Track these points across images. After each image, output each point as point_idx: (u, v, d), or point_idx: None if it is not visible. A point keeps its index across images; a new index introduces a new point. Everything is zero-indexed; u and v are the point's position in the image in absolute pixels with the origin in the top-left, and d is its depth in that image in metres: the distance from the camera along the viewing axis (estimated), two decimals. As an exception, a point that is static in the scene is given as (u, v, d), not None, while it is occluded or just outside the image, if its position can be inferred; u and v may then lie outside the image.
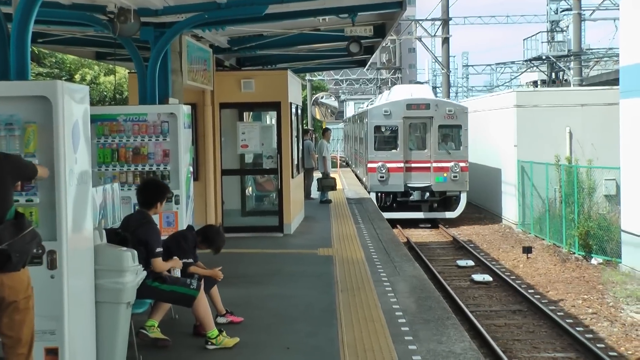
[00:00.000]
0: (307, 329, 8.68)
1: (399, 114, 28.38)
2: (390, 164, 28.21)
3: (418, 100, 28.93)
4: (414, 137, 29.00)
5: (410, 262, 13.25)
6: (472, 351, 7.78)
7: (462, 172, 28.04)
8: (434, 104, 28.71)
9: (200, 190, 15.16)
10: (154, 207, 8.12)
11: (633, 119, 18.96)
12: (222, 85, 16.14)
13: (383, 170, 28.08)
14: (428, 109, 28.37)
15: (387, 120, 28.56)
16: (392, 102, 29.38)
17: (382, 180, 28.16)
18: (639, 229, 18.19)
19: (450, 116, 28.21)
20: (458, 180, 28.00)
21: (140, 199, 8.23)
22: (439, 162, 28.05)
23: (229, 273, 9.25)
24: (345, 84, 70.16)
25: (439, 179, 28.05)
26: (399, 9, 13.00)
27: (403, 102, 28.87)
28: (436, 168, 28.06)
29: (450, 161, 27.97)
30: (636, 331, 14.21)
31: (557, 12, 45.86)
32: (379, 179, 28.15)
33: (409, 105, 28.55)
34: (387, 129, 28.75)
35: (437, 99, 32.90)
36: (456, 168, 27.88)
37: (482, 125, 31.93)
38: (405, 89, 32.71)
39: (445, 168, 27.95)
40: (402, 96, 29.83)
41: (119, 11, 10.38)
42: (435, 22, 43.29)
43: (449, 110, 28.35)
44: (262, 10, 11.46)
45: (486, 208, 32.25)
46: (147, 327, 7.98)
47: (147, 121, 10.98)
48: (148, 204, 8.11)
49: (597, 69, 46.82)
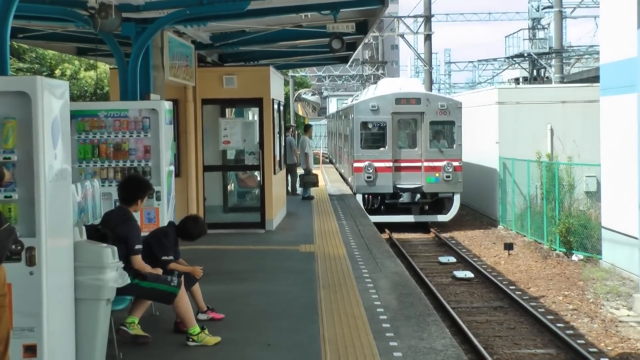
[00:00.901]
0: (289, 325, 8.67)
1: (387, 109, 26.28)
2: (378, 163, 26.18)
3: (408, 94, 26.75)
4: (404, 134, 27.14)
5: (392, 258, 13.27)
6: (453, 347, 7.80)
7: (456, 172, 26.08)
8: (425, 99, 26.59)
9: (181, 187, 15.11)
10: (135, 204, 8.07)
11: (613, 116, 19.07)
12: (204, 81, 16.10)
13: (370, 170, 26.03)
14: (419, 104, 26.33)
15: (374, 116, 26.41)
16: (380, 97, 27.20)
17: (369, 181, 26.06)
18: (619, 225, 18.31)
19: (442, 111, 26.23)
20: (451, 181, 26.04)
21: (121, 195, 8.19)
22: (430, 162, 26.13)
23: (210, 269, 9.23)
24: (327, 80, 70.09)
25: (430, 180, 26.12)
26: (380, 5, 13.01)
27: (392, 96, 26.66)
28: (427, 168, 26.13)
29: (443, 160, 26.02)
30: (616, 327, 14.30)
31: (538, 9, 46.00)
32: (366, 180, 26.07)
33: (398, 100, 26.42)
34: (374, 125, 26.73)
35: (428, 92, 30.64)
36: (449, 168, 25.95)
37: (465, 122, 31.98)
38: (393, 82, 30.57)
39: (438, 168, 26.05)
40: (390, 90, 27.66)
41: (100, 7, 10.32)
42: (418, 19, 43.34)
43: (441, 105, 26.38)
44: (244, 6, 11.43)
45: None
46: (127, 323, 7.94)
47: (128, 117, 10.93)
48: (129, 201, 8.06)
49: (578, 67, 47.07)
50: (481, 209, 29.94)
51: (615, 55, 18.74)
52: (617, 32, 18.70)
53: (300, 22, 15.05)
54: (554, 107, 27.30)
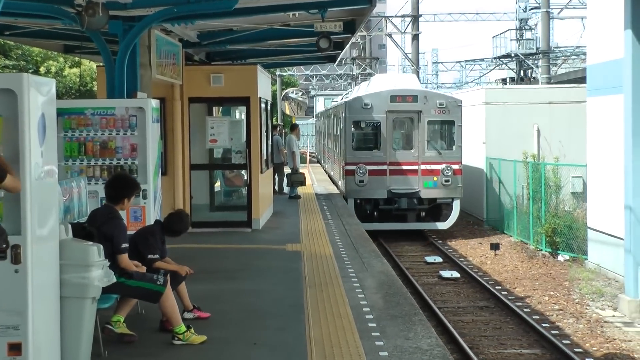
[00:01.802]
0: (275, 324, 8.67)
1: (381, 108, 24.29)
2: (371, 166, 24.22)
3: (404, 92, 24.78)
4: (399, 135, 25.19)
5: (379, 258, 13.28)
6: (439, 347, 7.81)
7: (455, 176, 24.16)
8: (422, 96, 24.54)
9: (168, 185, 15.09)
10: (122, 203, 8.04)
11: (600, 117, 19.13)
12: (191, 79, 16.08)
13: (362, 173, 24.08)
14: (416, 102, 24.33)
15: (367, 115, 24.33)
16: (374, 94, 25.05)
17: (362, 186, 24.09)
18: (605, 226, 18.37)
19: (441, 110, 24.25)
20: (450, 186, 24.14)
21: (108, 194, 8.16)
22: (428, 164, 24.20)
23: (196, 268, 9.21)
24: (315, 79, 70.11)
25: (428, 184, 24.20)
26: (368, 5, 13.03)
27: (386, 93, 24.64)
28: (425, 171, 24.17)
29: (442, 163, 24.12)
30: (601, 327, 14.35)
31: (525, 10, 46.18)
32: (358, 184, 24.09)
33: (393, 97, 24.44)
34: (367, 124, 24.59)
35: (426, 89, 28.55)
36: (448, 171, 24.04)
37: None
38: (387, 78, 28.55)
39: (436, 171, 24.12)
40: (384, 87, 25.58)
41: (87, 4, 10.29)
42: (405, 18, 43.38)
43: (440, 103, 24.32)
44: (232, 4, 11.41)
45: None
46: (112, 322, 7.92)
47: (115, 115, 10.90)
48: (115, 199, 8.04)
49: (565, 67, 47.21)
50: (468, 209, 29.85)
51: (602, 56, 18.80)
52: (604, 33, 18.77)
53: (288, 21, 15.05)
54: (541, 107, 27.38)
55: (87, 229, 7.36)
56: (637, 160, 14.99)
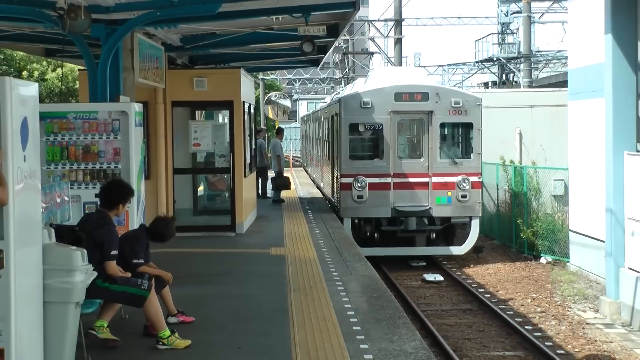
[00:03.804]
0: (259, 328, 8.66)
1: (384, 107, 20.10)
2: (372, 178, 20.04)
3: (411, 88, 20.40)
4: (406, 140, 21.13)
5: (362, 261, 13.31)
6: (423, 350, 7.83)
7: (474, 190, 20.19)
8: (433, 93, 20.23)
9: (151, 189, 15.06)
10: (116, 209, 8.06)
11: (581, 121, 19.25)
12: (174, 83, 16.06)
13: (361, 187, 19.91)
14: (426, 100, 20.12)
15: (366, 116, 20.17)
16: (374, 90, 20.59)
17: (360, 202, 19.94)
18: (587, 228, 18.47)
19: (457, 110, 20.15)
20: (468, 202, 20.14)
21: (102, 199, 8.16)
22: (440, 176, 20.14)
23: (180, 272, 9.21)
24: (298, 83, 70.15)
25: (440, 200, 20.13)
26: (352, 9, 13.07)
27: (390, 90, 20.27)
28: (437, 184, 20.11)
29: (457, 174, 20.05)
30: (583, 329, 14.43)
31: (507, 14, 46.37)
32: (356, 200, 19.93)
33: (398, 95, 20.19)
34: (367, 128, 20.45)
35: (438, 85, 23.44)
36: (465, 184, 20.04)
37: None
38: (391, 72, 23.46)
39: (450, 184, 20.09)
40: (387, 82, 20.95)
41: (69, 7, 10.25)
42: (388, 22, 43.47)
43: (455, 102, 20.15)
44: (215, 8, 11.41)
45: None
46: (96, 327, 7.88)
47: (98, 119, 10.89)
48: (110, 205, 8.04)
49: (547, 71, 47.48)
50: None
51: (583, 61, 18.91)
52: (585, 38, 18.89)
53: (271, 25, 15.05)
54: (523, 111, 27.49)
55: (77, 233, 7.35)
56: (618, 163, 15.09)
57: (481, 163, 20.80)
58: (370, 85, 21.64)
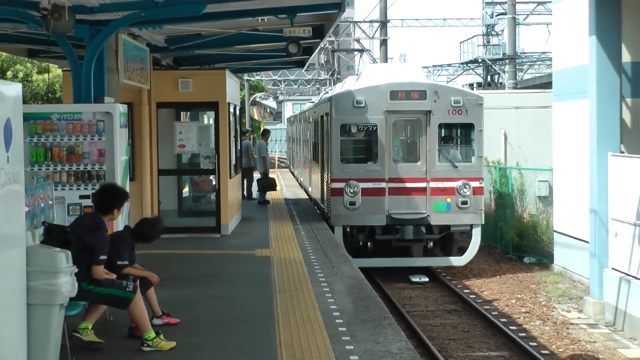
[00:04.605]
0: (245, 329, 8.65)
1: (378, 107, 18.64)
2: (365, 183, 18.61)
3: (408, 86, 18.97)
4: (402, 142, 19.85)
5: (348, 262, 13.31)
6: (409, 351, 7.84)
7: (475, 196, 18.72)
8: (432, 91, 18.82)
9: (136, 191, 15.00)
10: (111, 213, 8.04)
11: (565, 122, 19.33)
12: (159, 84, 16.01)
13: (353, 193, 18.48)
14: (423, 99, 18.72)
15: (360, 116, 18.75)
16: (368, 88, 19.09)
17: (353, 209, 18.50)
18: (571, 229, 18.55)
19: (457, 110, 18.79)
20: (469, 209, 18.68)
21: (97, 204, 8.13)
22: (439, 181, 18.72)
23: (165, 274, 9.18)
24: (283, 84, 70.11)
25: (439, 207, 18.72)
26: (337, 10, 13.07)
27: (385, 87, 18.82)
28: (435, 190, 18.68)
29: (457, 179, 18.63)
30: (567, 329, 14.49)
31: (492, 16, 46.55)
32: (348, 207, 18.49)
33: (394, 93, 18.72)
34: (360, 129, 19.07)
35: (436, 83, 22.68)
36: (466, 189, 18.57)
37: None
38: (385, 69, 21.93)
39: (450, 190, 18.65)
40: (382, 79, 19.51)
41: (53, 8, 10.20)
42: (374, 24, 43.53)
43: (455, 100, 18.76)
44: (200, 9, 11.40)
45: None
46: (80, 329, 7.85)
47: (82, 120, 10.86)
48: (105, 210, 8.02)
49: (531, 73, 47.68)
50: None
51: (568, 62, 19.00)
52: (569, 39, 18.97)
53: (256, 26, 15.04)
54: (508, 112, 27.59)
55: (67, 234, 7.32)
56: (602, 165, 15.16)
57: (482, 167, 19.36)
58: (363, 83, 20.09)
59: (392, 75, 19.91)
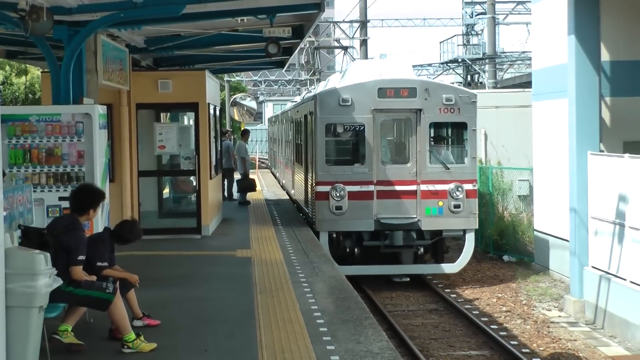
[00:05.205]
0: (226, 330, 8.63)
1: (365, 105, 17.63)
2: (352, 186, 17.59)
3: (397, 83, 17.95)
4: (391, 143, 18.89)
5: (329, 263, 13.32)
6: (390, 350, 7.85)
7: (468, 200, 17.73)
8: (422, 88, 17.81)
9: (116, 192, 14.95)
10: (87, 214, 8.02)
11: (545, 121, 19.43)
12: (138, 85, 15.94)
13: (340, 196, 17.46)
14: (413, 97, 17.72)
15: (346, 115, 17.70)
16: (355, 86, 18.01)
17: (339, 214, 17.51)
18: (551, 228, 18.65)
19: (449, 108, 17.76)
20: (461, 213, 17.67)
21: (72, 204, 8.10)
22: (430, 184, 17.71)
23: (146, 275, 9.14)
24: (264, 85, 70.07)
25: (431, 211, 17.69)
26: (317, 10, 13.06)
27: (372, 84, 17.81)
28: (426, 193, 17.64)
29: (449, 181, 17.62)
30: (547, 328, 14.57)
31: (472, 15, 46.69)
32: (333, 212, 17.50)
33: (382, 91, 17.71)
34: (346, 129, 18.04)
35: (426, 80, 21.67)
36: (458, 193, 17.57)
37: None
38: (372, 65, 20.49)
39: (442, 193, 17.65)
40: (369, 76, 18.53)
41: (31, 9, 10.12)
42: (354, 24, 43.57)
43: (447, 98, 17.73)
44: (179, 10, 11.35)
45: None
46: (60, 332, 7.80)
47: (61, 121, 10.82)
48: (81, 210, 7.98)
49: (511, 72, 47.89)
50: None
51: (547, 61, 19.10)
52: (548, 39, 19.07)
53: (236, 27, 15.00)
54: (488, 112, 27.65)
55: (44, 236, 7.28)
56: (582, 164, 15.26)
57: (476, 169, 18.49)
58: (349, 80, 18.98)
59: (380, 71, 18.95)
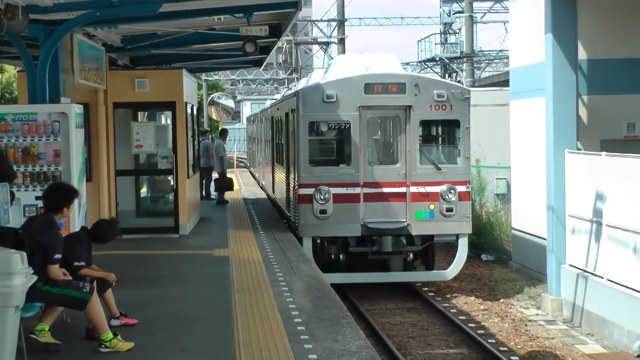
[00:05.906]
0: (203, 330, 8.62)
1: (351, 102, 16.46)
2: (337, 188, 16.42)
3: (385, 78, 16.79)
4: (378, 142, 17.77)
5: (307, 262, 13.33)
6: (367, 349, 7.87)
7: (461, 202, 16.62)
8: (411, 84, 16.59)
9: (93, 191, 14.89)
10: (60, 212, 7.98)
11: (522, 119, 19.53)
12: (115, 84, 15.89)
13: (324, 200, 16.32)
14: (402, 93, 16.51)
15: (330, 112, 16.51)
16: (340, 81, 16.86)
17: (323, 218, 16.38)
18: (529, 226, 18.75)
19: (440, 105, 16.57)
20: (454, 216, 16.57)
21: (46, 203, 8.07)
22: (421, 185, 16.55)
23: (123, 275, 9.11)
24: (241, 84, 69.98)
25: (421, 215, 16.55)
26: (294, 9, 13.06)
27: (359, 80, 16.60)
28: (417, 195, 16.51)
29: (441, 183, 16.51)
30: (525, 326, 14.65)
31: (449, 14, 46.89)
32: (317, 215, 16.37)
33: (368, 87, 16.51)
34: (330, 127, 16.85)
35: (417, 75, 20.56)
36: (450, 195, 16.47)
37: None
38: (357, 59, 18.77)
39: (433, 195, 16.49)
40: (355, 70, 17.22)
41: (6, 7, 10.05)
42: (331, 23, 43.59)
43: (438, 94, 16.56)
44: (155, 8, 11.31)
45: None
46: (37, 331, 7.77)
47: (37, 121, 10.77)
48: (54, 208, 7.95)
49: (489, 71, 48.14)
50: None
51: (524, 60, 19.20)
52: (525, 37, 19.18)
53: (213, 25, 14.97)
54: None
55: (19, 236, 7.24)
56: (559, 162, 15.34)
57: (469, 169, 17.43)
58: (333, 75, 17.80)
59: (367, 65, 17.72)
